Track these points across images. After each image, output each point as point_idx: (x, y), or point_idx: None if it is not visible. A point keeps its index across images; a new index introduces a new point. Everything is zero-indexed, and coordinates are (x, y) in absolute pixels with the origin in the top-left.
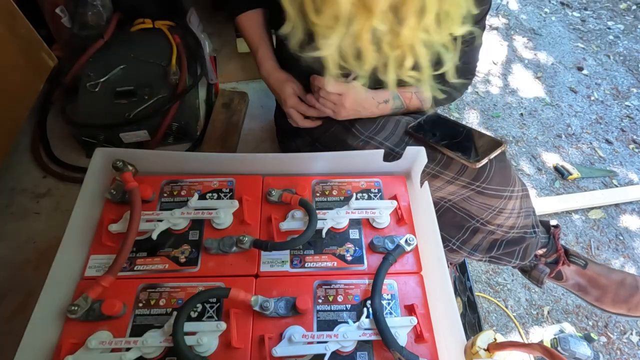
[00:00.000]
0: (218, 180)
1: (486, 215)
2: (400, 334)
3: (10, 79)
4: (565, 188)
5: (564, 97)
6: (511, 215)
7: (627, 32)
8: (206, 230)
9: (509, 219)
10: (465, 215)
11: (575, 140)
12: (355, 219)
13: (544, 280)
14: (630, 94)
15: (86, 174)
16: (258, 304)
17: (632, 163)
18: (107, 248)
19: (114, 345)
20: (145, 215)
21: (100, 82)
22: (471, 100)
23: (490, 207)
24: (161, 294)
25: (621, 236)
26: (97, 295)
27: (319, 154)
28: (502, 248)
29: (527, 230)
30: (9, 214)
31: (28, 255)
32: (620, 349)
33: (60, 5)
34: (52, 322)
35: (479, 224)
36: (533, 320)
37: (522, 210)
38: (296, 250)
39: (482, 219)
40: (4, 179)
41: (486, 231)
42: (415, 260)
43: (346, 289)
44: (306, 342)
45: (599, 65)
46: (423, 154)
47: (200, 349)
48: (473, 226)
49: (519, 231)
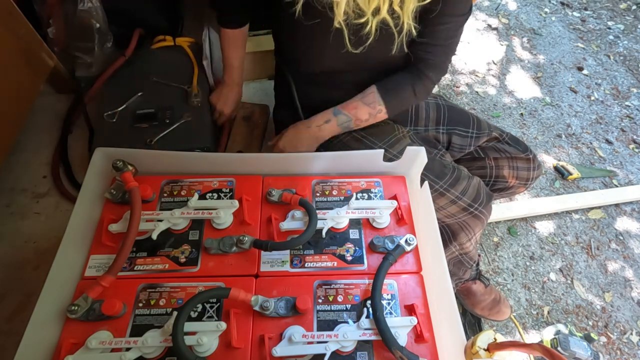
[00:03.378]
0: (218, 180)
1: (462, 237)
2: (400, 334)
3: (10, 79)
4: (565, 188)
5: (564, 97)
6: (472, 243)
7: (627, 32)
8: (206, 230)
9: (470, 246)
10: (445, 234)
11: (575, 140)
12: (355, 219)
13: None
14: (630, 94)
15: (86, 173)
16: (258, 304)
17: (632, 163)
18: (107, 248)
19: (114, 345)
20: (145, 215)
21: (118, 111)
22: (471, 100)
23: (471, 232)
24: (161, 294)
25: (621, 236)
26: (97, 295)
27: (319, 153)
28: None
29: (470, 263)
30: (9, 214)
31: (28, 255)
32: (620, 349)
33: (52, 17)
34: (52, 322)
35: (451, 244)
36: (533, 320)
37: (477, 242)
38: (296, 250)
39: (457, 241)
40: (4, 179)
41: (451, 250)
42: (415, 260)
43: (346, 289)
44: (306, 342)
45: (599, 65)
46: (423, 154)
47: (200, 349)
48: (446, 247)
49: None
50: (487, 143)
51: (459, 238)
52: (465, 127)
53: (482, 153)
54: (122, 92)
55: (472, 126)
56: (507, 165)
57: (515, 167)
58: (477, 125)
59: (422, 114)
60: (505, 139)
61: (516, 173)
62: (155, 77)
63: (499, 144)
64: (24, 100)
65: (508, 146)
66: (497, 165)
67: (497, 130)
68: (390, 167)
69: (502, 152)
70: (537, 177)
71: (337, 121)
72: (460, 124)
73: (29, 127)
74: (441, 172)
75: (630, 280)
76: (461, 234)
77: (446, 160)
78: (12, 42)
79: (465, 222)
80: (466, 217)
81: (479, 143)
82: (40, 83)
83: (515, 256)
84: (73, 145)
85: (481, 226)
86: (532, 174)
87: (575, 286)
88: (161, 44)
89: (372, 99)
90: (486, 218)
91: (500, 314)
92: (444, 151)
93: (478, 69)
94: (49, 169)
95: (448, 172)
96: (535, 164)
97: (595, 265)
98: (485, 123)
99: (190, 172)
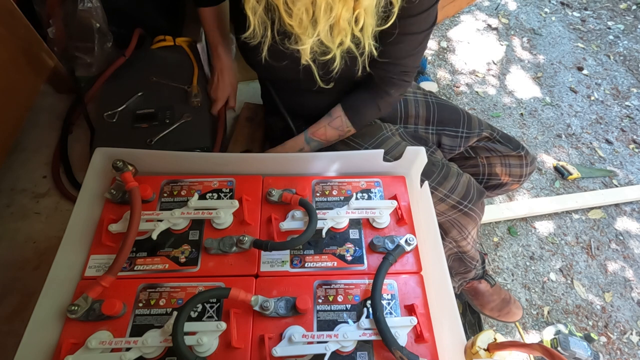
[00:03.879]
0: (218, 180)
1: (455, 234)
2: (400, 334)
3: (11, 79)
4: (565, 188)
5: (564, 97)
6: (469, 242)
7: (627, 32)
8: (206, 230)
9: (467, 245)
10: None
11: (575, 140)
12: (355, 219)
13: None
14: (630, 94)
15: (86, 173)
16: (258, 304)
17: (632, 163)
18: (107, 248)
19: (114, 345)
20: (145, 215)
21: (118, 111)
22: (471, 100)
23: (464, 230)
24: (161, 294)
25: (621, 236)
26: (97, 295)
27: (319, 153)
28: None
29: (472, 262)
30: (9, 214)
31: (28, 255)
32: (620, 349)
33: (52, 17)
34: (52, 322)
35: (444, 240)
36: (533, 320)
37: (476, 241)
38: (296, 250)
39: (451, 238)
40: (4, 179)
41: (447, 246)
42: (415, 260)
43: (346, 289)
44: (306, 342)
45: (599, 65)
46: (423, 154)
47: (200, 349)
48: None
49: (470, 260)
50: (477, 143)
51: (451, 235)
52: (455, 127)
53: (472, 153)
54: (122, 92)
55: (462, 125)
56: (499, 162)
57: (507, 165)
58: (468, 124)
59: (411, 111)
60: (497, 137)
61: (509, 170)
62: (155, 77)
63: (489, 143)
64: (24, 100)
65: (499, 145)
66: (489, 163)
67: (488, 128)
68: (390, 167)
69: (493, 151)
70: (531, 173)
71: (310, 147)
72: (450, 123)
73: (29, 127)
74: (428, 170)
75: (630, 280)
76: (453, 232)
77: (436, 158)
78: (12, 42)
79: (456, 219)
80: (456, 214)
81: (469, 143)
82: (40, 83)
83: (515, 256)
84: (73, 145)
85: (474, 224)
86: (525, 170)
87: (575, 286)
88: (161, 44)
89: (340, 123)
90: (478, 216)
91: (511, 315)
92: (435, 148)
93: (478, 69)
94: (49, 169)
95: (436, 170)
96: (528, 160)
97: (595, 265)
98: (476, 121)
99: (190, 172)
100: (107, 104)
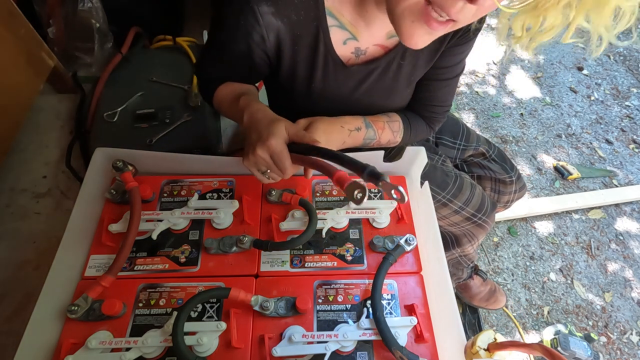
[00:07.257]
0: (218, 180)
1: (465, 243)
2: (400, 334)
3: (11, 79)
4: (565, 188)
5: (564, 97)
6: (474, 247)
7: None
8: (206, 230)
9: (471, 249)
10: (447, 239)
11: (575, 140)
12: (355, 218)
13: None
14: (630, 94)
15: (86, 173)
16: (258, 304)
17: (632, 163)
18: (107, 248)
19: (114, 345)
20: (145, 215)
21: (118, 111)
22: (471, 100)
23: (474, 239)
24: (161, 294)
25: (621, 236)
26: (97, 295)
27: None
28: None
29: (468, 263)
30: (9, 214)
31: (28, 255)
32: (620, 349)
33: (52, 17)
34: (52, 322)
35: (453, 249)
36: (533, 320)
37: (478, 245)
38: (296, 250)
39: (460, 247)
40: (4, 179)
41: (451, 253)
42: (415, 260)
43: (346, 289)
44: (306, 342)
45: (599, 65)
46: (423, 154)
47: (200, 349)
48: (447, 250)
49: (467, 261)
50: (472, 158)
51: (461, 244)
52: (454, 138)
53: (466, 168)
54: (122, 92)
55: (460, 137)
56: (490, 186)
57: (497, 190)
58: (466, 137)
59: None
60: (492, 155)
61: (498, 196)
62: (155, 77)
63: (484, 160)
64: (23, 100)
65: (494, 164)
66: (480, 185)
67: (485, 144)
68: (390, 167)
69: (487, 170)
70: (519, 199)
71: (365, 134)
72: (449, 133)
73: (29, 127)
74: (443, 182)
75: (630, 280)
76: (464, 240)
77: (447, 168)
78: (12, 42)
79: (469, 230)
80: (470, 226)
81: (464, 156)
82: (40, 83)
83: (515, 256)
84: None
85: (484, 234)
86: (514, 197)
87: (575, 286)
88: (161, 44)
89: (397, 128)
90: (489, 226)
91: (497, 303)
92: (445, 157)
93: (478, 69)
94: (49, 169)
95: (450, 182)
96: (518, 186)
97: (595, 265)
98: (474, 135)
99: (190, 173)
100: (107, 104)
